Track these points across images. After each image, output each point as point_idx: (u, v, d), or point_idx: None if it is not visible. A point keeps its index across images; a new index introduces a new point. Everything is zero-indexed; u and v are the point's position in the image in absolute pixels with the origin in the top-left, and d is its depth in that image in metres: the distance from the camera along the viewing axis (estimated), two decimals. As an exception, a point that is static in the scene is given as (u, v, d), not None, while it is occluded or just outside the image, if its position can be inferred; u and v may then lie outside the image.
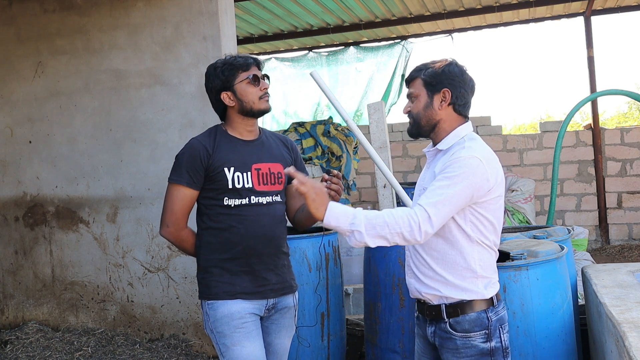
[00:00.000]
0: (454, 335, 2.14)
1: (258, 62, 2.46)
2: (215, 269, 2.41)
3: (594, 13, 8.15)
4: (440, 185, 2.03)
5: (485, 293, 2.14)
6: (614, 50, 37.38)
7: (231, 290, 2.39)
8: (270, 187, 2.46)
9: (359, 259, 5.57)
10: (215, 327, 2.39)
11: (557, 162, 5.79)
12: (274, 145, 2.55)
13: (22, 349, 4.16)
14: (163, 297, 4.30)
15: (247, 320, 2.38)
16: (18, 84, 4.62)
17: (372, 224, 1.98)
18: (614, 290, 2.80)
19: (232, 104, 2.42)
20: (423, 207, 1.99)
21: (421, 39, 9.12)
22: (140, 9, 4.27)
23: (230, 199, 2.39)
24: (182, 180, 2.39)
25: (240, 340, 2.36)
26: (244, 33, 8.59)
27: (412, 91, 2.24)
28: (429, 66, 2.22)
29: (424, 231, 1.97)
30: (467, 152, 2.07)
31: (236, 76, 2.40)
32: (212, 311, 2.39)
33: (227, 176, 2.38)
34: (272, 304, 2.47)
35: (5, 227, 4.71)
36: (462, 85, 2.18)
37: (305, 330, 3.63)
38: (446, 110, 2.19)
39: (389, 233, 1.98)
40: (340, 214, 2.02)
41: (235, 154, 2.42)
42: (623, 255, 7.49)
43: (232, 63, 2.40)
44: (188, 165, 2.38)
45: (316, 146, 6.95)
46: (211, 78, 2.44)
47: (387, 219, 1.98)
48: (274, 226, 2.46)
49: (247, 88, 2.40)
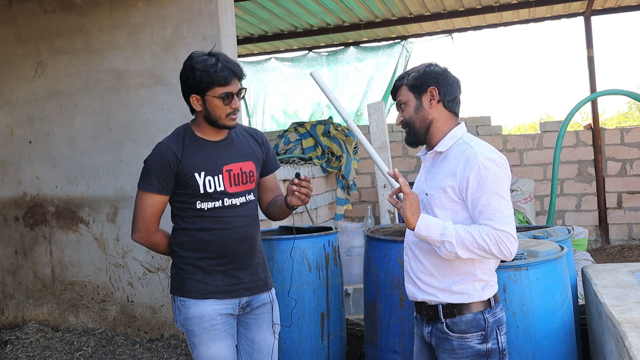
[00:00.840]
0: (450, 336, 2.14)
1: (240, 75, 2.37)
2: (189, 267, 2.41)
3: (594, 13, 8.15)
4: (492, 201, 2.05)
5: (482, 295, 2.14)
6: (614, 50, 37.37)
7: (204, 290, 2.39)
8: (243, 187, 2.44)
9: (359, 259, 5.57)
10: (186, 324, 2.41)
11: (557, 162, 5.79)
12: (244, 142, 2.50)
13: (22, 349, 4.16)
14: (163, 297, 4.30)
15: (217, 322, 2.39)
16: (18, 84, 4.62)
17: (462, 239, 2.04)
18: (614, 290, 2.80)
19: (199, 109, 2.37)
20: (500, 230, 2.02)
21: (421, 39, 9.12)
22: (140, 9, 4.27)
23: (202, 203, 2.37)
24: (152, 188, 2.38)
25: (207, 341, 2.38)
26: (244, 33, 8.59)
27: (400, 99, 2.25)
28: (410, 72, 2.25)
29: (514, 251, 2.05)
30: (482, 157, 2.08)
31: (210, 88, 2.31)
32: (184, 309, 2.41)
33: (197, 181, 2.35)
34: (246, 302, 2.47)
35: (5, 227, 4.71)
36: (446, 81, 2.20)
37: (306, 330, 3.63)
38: (437, 108, 2.20)
39: (477, 249, 2.04)
40: (432, 224, 2.08)
41: (205, 157, 2.38)
42: (623, 255, 7.49)
43: (211, 75, 2.29)
44: (157, 172, 2.36)
45: (316, 146, 6.95)
46: (186, 75, 2.35)
47: (476, 237, 2.03)
48: (248, 226, 2.45)
49: (217, 103, 2.32)
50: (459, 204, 2.11)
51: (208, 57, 2.34)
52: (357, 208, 8.59)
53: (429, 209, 2.18)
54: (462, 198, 2.10)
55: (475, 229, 2.04)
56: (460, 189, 2.09)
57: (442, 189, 2.13)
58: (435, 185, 2.17)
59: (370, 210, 6.55)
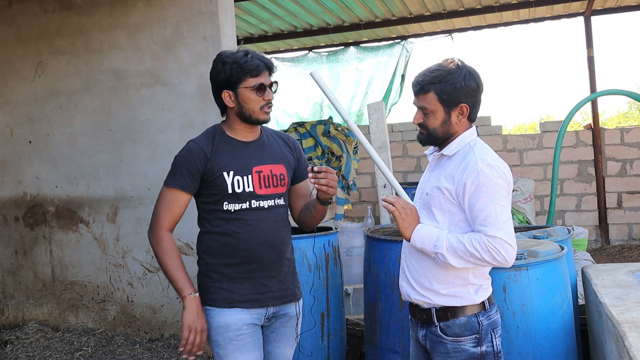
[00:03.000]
0: (445, 339, 2.14)
1: (270, 67, 2.34)
2: (214, 274, 2.33)
3: (594, 13, 8.15)
4: (487, 207, 2.03)
5: (475, 298, 2.14)
6: (614, 50, 37.38)
7: (230, 298, 2.30)
8: (273, 189, 2.36)
9: (359, 259, 5.57)
10: (211, 334, 2.32)
11: (557, 162, 5.79)
12: (275, 145, 2.44)
13: (22, 349, 4.16)
14: (163, 297, 4.30)
15: (243, 332, 2.30)
16: (18, 84, 4.62)
17: (454, 248, 2.04)
18: (614, 290, 2.80)
19: (232, 105, 2.32)
20: (492, 236, 2.00)
21: (421, 39, 9.11)
22: (140, 9, 4.27)
23: (230, 204, 2.30)
24: (176, 183, 2.30)
25: (233, 352, 2.29)
26: (244, 33, 8.59)
27: (425, 106, 2.15)
28: (442, 78, 2.10)
29: (509, 258, 2.02)
30: (482, 163, 2.06)
31: (242, 80, 2.28)
32: (209, 318, 2.32)
33: (226, 181, 2.29)
34: (273, 313, 2.38)
35: (5, 227, 4.71)
36: (477, 94, 2.15)
37: (305, 330, 3.63)
38: (463, 122, 2.17)
39: (470, 257, 2.03)
40: (425, 235, 2.09)
41: (235, 157, 2.32)
42: (623, 255, 7.49)
43: (242, 65, 2.26)
44: (184, 169, 2.30)
45: (316, 146, 6.95)
46: (217, 70, 2.32)
47: (467, 245, 2.02)
48: (276, 231, 2.36)
49: (251, 95, 2.28)
50: (456, 206, 2.11)
51: (237, 52, 2.33)
52: (357, 208, 8.59)
53: (428, 209, 2.18)
54: (459, 202, 2.09)
55: (468, 237, 2.03)
56: (457, 193, 2.08)
57: (439, 190, 2.13)
58: (434, 186, 2.17)
59: (370, 210, 6.55)
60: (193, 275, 3.64)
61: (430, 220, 2.17)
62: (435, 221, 2.15)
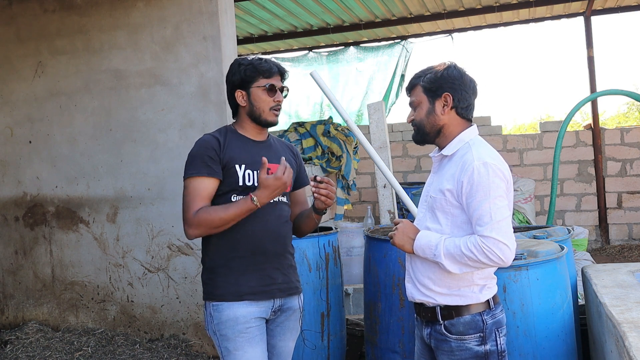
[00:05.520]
0: (449, 338, 2.14)
1: (282, 72, 2.50)
2: (222, 269, 2.38)
3: (594, 13, 8.15)
4: (482, 205, 2.02)
5: (480, 297, 2.14)
6: (614, 50, 37.37)
7: (237, 291, 2.35)
8: None
9: (359, 259, 5.57)
10: (219, 329, 2.36)
11: (557, 162, 5.79)
12: (281, 149, 2.56)
13: (22, 349, 4.16)
14: (163, 297, 4.30)
15: (251, 325, 2.35)
16: (18, 84, 4.62)
17: (451, 254, 2.05)
18: (614, 290, 2.80)
19: (244, 104, 2.45)
20: (485, 236, 2.00)
21: (421, 39, 9.12)
22: (140, 9, 4.27)
23: (238, 197, 2.36)
24: (202, 171, 2.33)
25: (243, 346, 2.33)
26: (244, 33, 8.59)
27: (413, 99, 2.23)
28: (428, 72, 2.21)
29: (505, 257, 2.00)
30: (478, 161, 2.06)
31: (255, 79, 2.42)
32: (217, 313, 2.35)
33: (238, 173, 2.37)
34: (279, 306, 2.44)
35: (5, 227, 4.71)
36: (462, 87, 2.16)
37: (306, 330, 3.63)
38: (449, 114, 2.17)
39: (468, 260, 2.03)
40: (426, 246, 2.12)
41: (246, 152, 2.42)
42: (623, 255, 7.49)
43: (256, 66, 2.42)
44: (204, 157, 2.34)
45: (316, 146, 6.95)
46: (233, 72, 2.47)
47: (463, 249, 2.03)
48: (281, 225, 2.45)
49: (262, 95, 2.42)
50: (458, 208, 2.11)
51: (253, 56, 2.50)
52: (357, 208, 8.59)
53: (432, 211, 2.19)
54: (460, 202, 2.10)
55: (464, 240, 2.04)
56: (458, 194, 2.09)
57: (442, 192, 2.14)
58: (437, 188, 2.18)
59: (370, 210, 6.55)
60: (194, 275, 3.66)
61: (434, 223, 2.17)
62: (439, 224, 2.15)
